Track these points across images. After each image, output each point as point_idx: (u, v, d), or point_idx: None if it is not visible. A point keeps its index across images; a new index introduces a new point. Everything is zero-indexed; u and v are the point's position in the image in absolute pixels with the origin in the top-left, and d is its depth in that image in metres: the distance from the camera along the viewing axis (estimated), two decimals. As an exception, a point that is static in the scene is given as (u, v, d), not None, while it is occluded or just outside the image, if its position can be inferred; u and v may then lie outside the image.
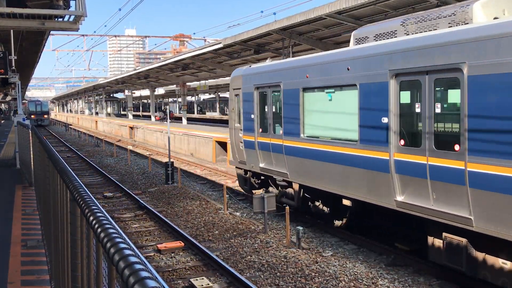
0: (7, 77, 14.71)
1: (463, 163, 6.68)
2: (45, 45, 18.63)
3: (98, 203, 2.26)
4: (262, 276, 8.21)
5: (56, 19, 10.00)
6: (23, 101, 59.80)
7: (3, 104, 68.08)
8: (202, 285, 7.68)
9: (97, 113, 69.93)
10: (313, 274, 8.19)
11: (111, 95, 69.51)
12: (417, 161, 7.43)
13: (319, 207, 10.68)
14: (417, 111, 7.51)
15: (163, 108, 76.41)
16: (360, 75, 8.66)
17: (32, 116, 55.08)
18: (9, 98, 52.37)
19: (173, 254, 9.51)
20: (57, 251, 3.66)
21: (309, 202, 11.03)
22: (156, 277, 1.20)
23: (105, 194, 15.64)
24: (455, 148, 6.84)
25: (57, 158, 3.85)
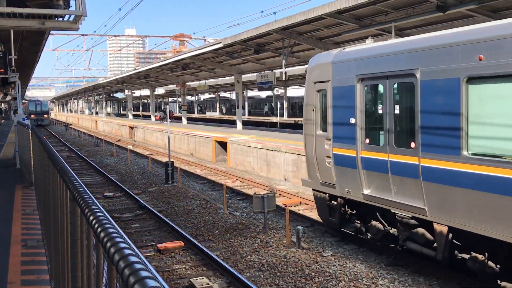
0: (7, 76, 14.71)
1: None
2: (45, 45, 18.64)
3: (98, 203, 2.26)
4: (262, 276, 8.22)
5: (56, 18, 10.00)
6: (23, 101, 59.81)
7: (3, 104, 68.04)
8: (202, 285, 7.68)
9: (97, 113, 69.94)
10: (313, 274, 8.20)
11: (111, 95, 69.51)
12: None
13: (482, 262, 7.14)
14: None
15: (163, 107, 76.40)
16: None
17: (32, 115, 55.10)
18: (9, 97, 52.39)
19: (173, 254, 9.52)
20: (57, 251, 3.66)
21: (457, 251, 7.82)
22: (156, 277, 1.19)
23: (105, 193, 15.65)
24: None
25: (57, 157, 3.85)
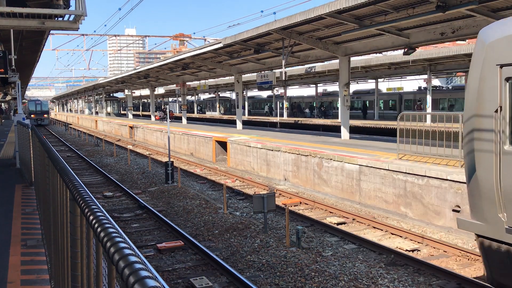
0: (7, 76, 14.71)
1: None
2: (45, 45, 18.64)
3: (98, 203, 2.25)
4: (262, 275, 8.22)
5: (56, 18, 9.99)
6: (23, 101, 59.80)
7: (3, 103, 68.02)
8: (202, 285, 7.68)
9: (97, 113, 69.91)
10: (313, 274, 8.19)
11: (111, 95, 69.49)
12: None
13: None
14: None
15: (163, 107, 76.35)
16: None
17: (32, 115, 55.10)
18: (9, 97, 52.35)
19: (173, 253, 9.52)
20: (56, 250, 3.66)
21: None
22: (156, 277, 1.19)
23: (105, 193, 15.65)
24: None
25: (57, 157, 3.84)
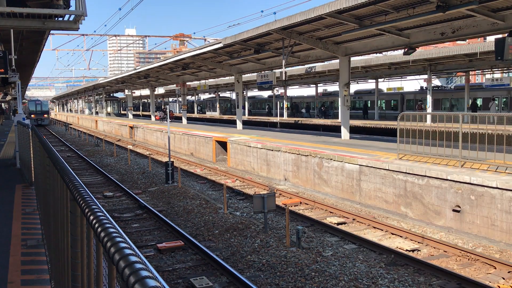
0: (7, 76, 14.72)
1: None
2: (45, 45, 18.64)
3: (98, 203, 2.26)
4: (262, 275, 8.22)
5: (56, 18, 9.99)
6: (23, 101, 59.80)
7: (3, 103, 68.06)
8: (202, 285, 7.68)
9: (97, 113, 69.91)
10: (313, 274, 8.20)
11: (111, 95, 69.49)
12: None
13: None
14: None
15: (163, 107, 76.33)
16: None
17: (32, 115, 55.09)
18: (9, 97, 52.39)
19: (173, 253, 9.52)
20: (57, 250, 3.66)
21: None
22: (156, 277, 1.19)
23: (105, 193, 15.65)
24: None
25: (57, 157, 3.84)
